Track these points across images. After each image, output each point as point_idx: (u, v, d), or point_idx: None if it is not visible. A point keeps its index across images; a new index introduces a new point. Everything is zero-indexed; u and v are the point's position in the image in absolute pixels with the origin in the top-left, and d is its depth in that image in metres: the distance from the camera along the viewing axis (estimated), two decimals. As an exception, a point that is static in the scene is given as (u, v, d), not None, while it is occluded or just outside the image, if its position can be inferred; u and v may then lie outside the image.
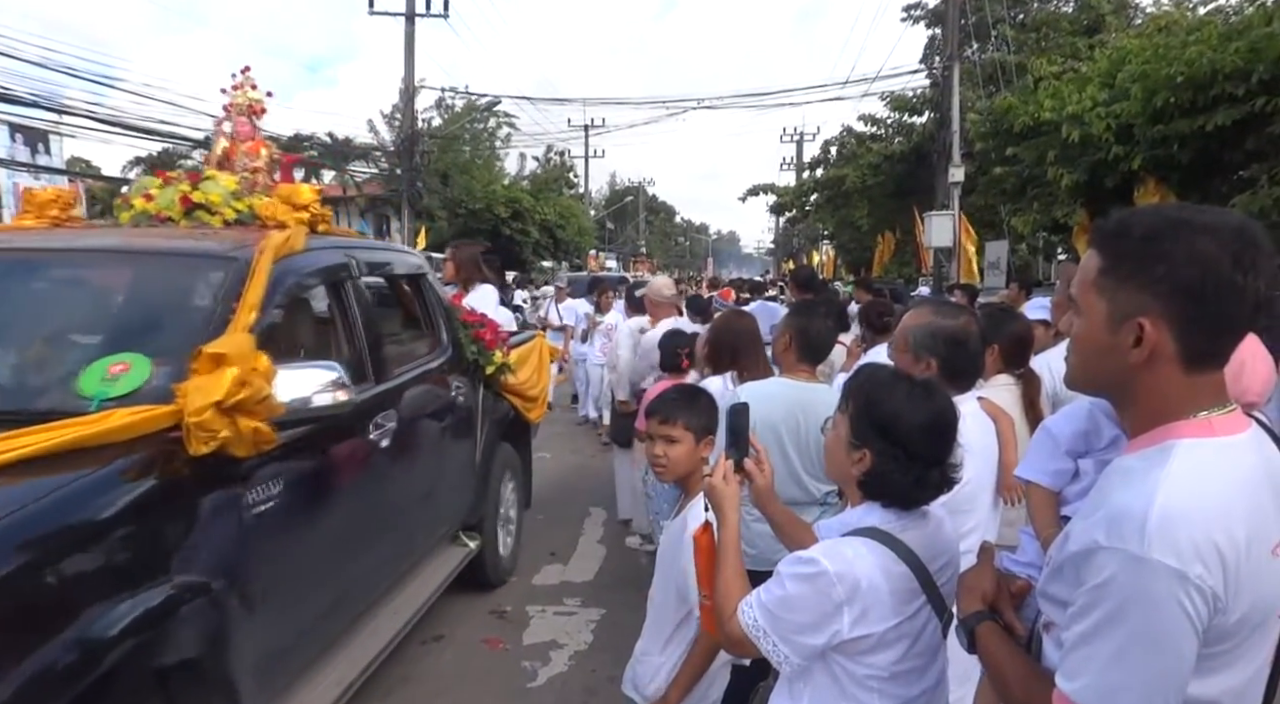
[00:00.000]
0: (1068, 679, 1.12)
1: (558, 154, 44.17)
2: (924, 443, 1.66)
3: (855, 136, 22.78)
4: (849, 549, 1.64)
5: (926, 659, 1.70)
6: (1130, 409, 1.24)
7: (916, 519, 1.70)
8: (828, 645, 1.63)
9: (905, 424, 1.66)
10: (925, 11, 22.14)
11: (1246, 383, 1.80)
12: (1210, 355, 1.16)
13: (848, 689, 1.67)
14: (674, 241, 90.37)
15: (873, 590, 1.60)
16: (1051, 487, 2.25)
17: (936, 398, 1.71)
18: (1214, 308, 1.12)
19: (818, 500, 3.10)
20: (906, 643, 1.65)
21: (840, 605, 1.59)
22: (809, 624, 1.61)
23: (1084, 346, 1.24)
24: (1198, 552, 1.05)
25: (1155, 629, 1.06)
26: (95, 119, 18.47)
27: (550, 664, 4.10)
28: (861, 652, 1.64)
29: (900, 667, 1.66)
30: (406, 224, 24.61)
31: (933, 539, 1.70)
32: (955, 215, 15.96)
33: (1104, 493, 1.18)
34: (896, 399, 1.70)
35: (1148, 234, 1.15)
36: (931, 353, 2.26)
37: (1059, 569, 1.19)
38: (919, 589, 1.65)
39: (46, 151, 22.58)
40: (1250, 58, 8.31)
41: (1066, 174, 10.51)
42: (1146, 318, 1.14)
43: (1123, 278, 1.16)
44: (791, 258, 50.40)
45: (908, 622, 1.64)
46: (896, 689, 1.67)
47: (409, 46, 23.57)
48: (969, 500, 2.21)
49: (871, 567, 1.61)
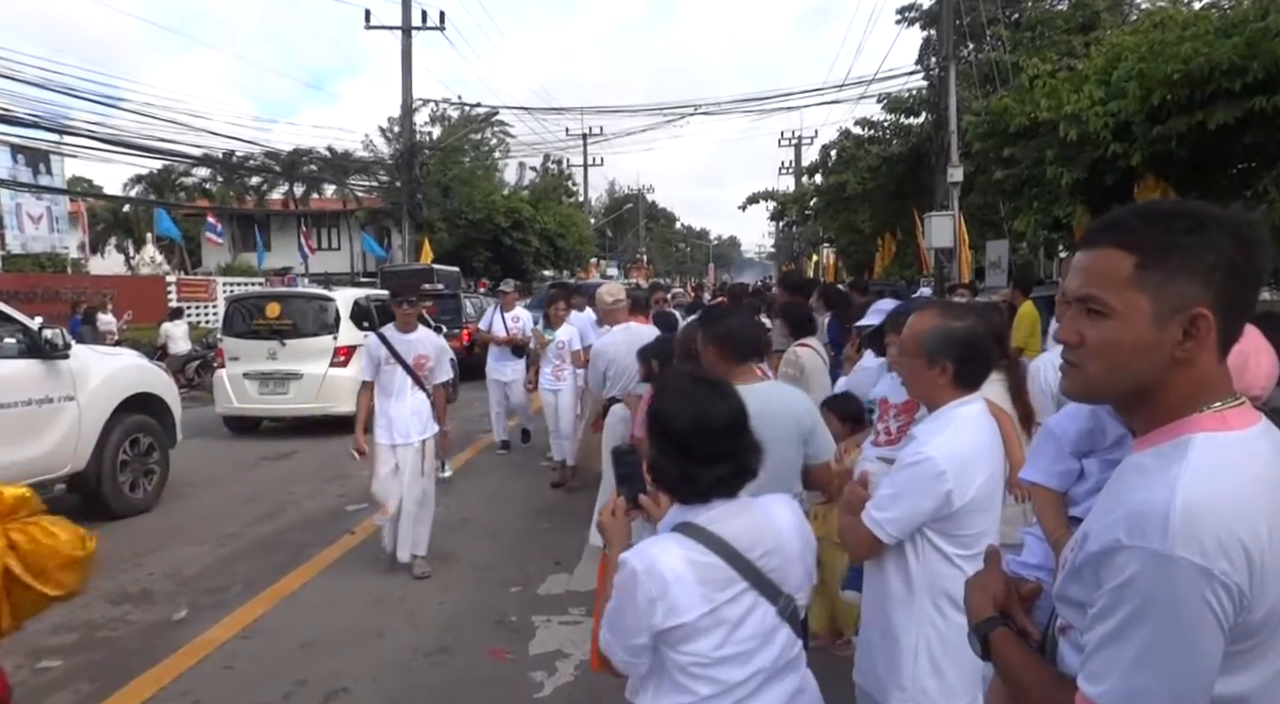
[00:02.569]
0: (1091, 683, 1.09)
1: (556, 163, 44.31)
2: (688, 442, 1.79)
3: (854, 140, 22.81)
4: (654, 547, 1.78)
5: (756, 644, 1.78)
6: (1148, 407, 1.20)
7: (731, 511, 1.82)
8: (651, 639, 1.74)
9: (670, 425, 1.82)
10: (920, 13, 22.18)
11: (1251, 377, 1.78)
12: (1231, 342, 1.17)
13: (677, 679, 1.78)
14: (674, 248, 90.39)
15: (679, 582, 1.71)
16: (1058, 488, 2.22)
17: (703, 400, 1.84)
18: (1250, 293, 1.15)
19: None
20: (725, 629, 1.75)
21: (654, 601, 1.71)
22: (634, 626, 1.74)
23: (1119, 349, 1.18)
24: (1222, 547, 1.03)
25: (1181, 628, 1.03)
26: (96, 138, 18.54)
27: (556, 674, 4.08)
28: (679, 641, 1.74)
29: (723, 652, 1.76)
30: (407, 236, 24.66)
31: (753, 528, 1.81)
32: (955, 215, 15.95)
33: (1120, 492, 1.15)
34: (667, 401, 1.87)
35: (1189, 226, 1.15)
36: (947, 356, 2.22)
37: (1077, 571, 1.16)
38: (735, 576, 1.76)
39: (48, 171, 22.61)
40: (1246, 53, 8.30)
41: (1066, 172, 10.50)
42: (1203, 306, 1.13)
43: (1173, 269, 1.14)
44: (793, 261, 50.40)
45: (724, 608, 1.75)
46: (723, 674, 1.76)
47: (406, 60, 23.65)
48: (987, 499, 2.18)
49: (676, 559, 1.73)
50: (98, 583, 5.45)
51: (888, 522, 2.18)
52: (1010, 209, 14.64)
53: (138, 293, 21.24)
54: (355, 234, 33.33)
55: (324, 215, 35.26)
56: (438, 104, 31.15)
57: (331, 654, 4.32)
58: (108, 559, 5.98)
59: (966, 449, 2.15)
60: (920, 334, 2.27)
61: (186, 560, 5.86)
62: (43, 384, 6.25)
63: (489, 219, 30.45)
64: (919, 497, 2.13)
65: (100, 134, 18.78)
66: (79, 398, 6.51)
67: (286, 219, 34.16)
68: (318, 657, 4.30)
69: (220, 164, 28.90)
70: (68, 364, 6.47)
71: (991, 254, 16.48)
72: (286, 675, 4.10)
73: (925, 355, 2.24)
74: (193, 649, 4.42)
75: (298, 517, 6.99)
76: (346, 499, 7.37)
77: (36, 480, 6.18)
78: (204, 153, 25.05)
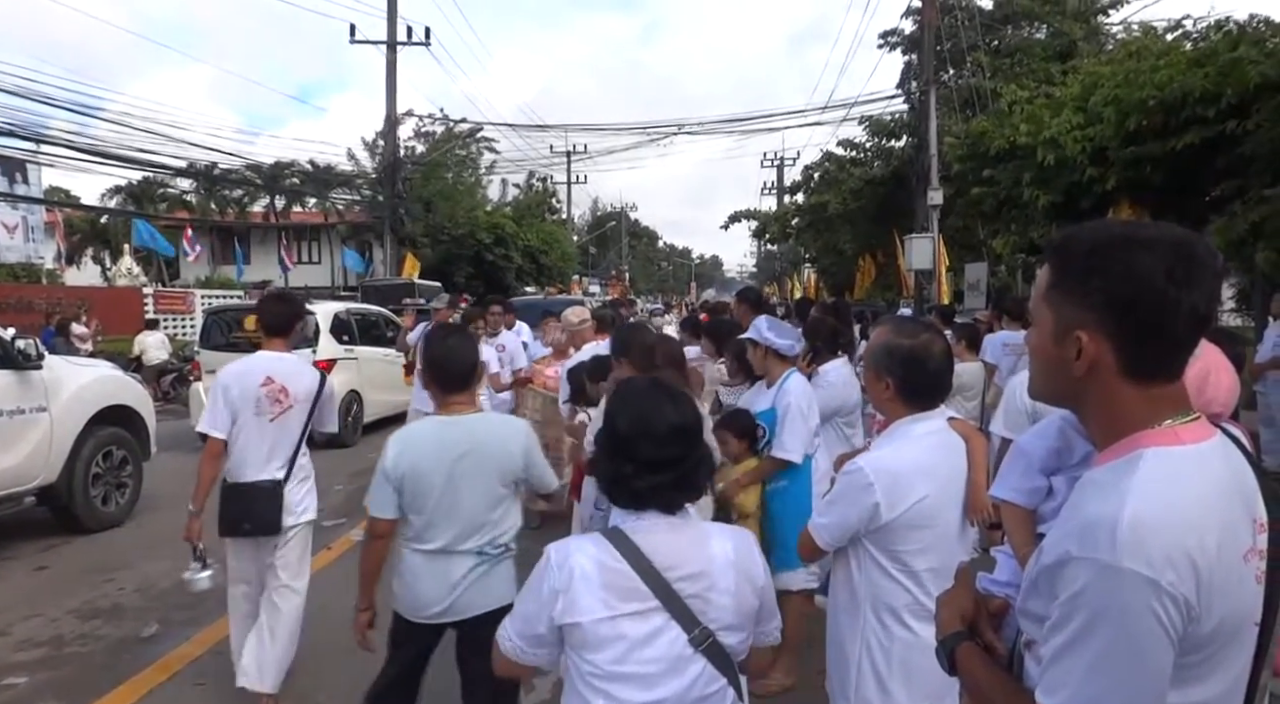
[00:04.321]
0: (1047, 695, 1.11)
1: (540, 180, 44.35)
2: (628, 443, 1.77)
3: (835, 161, 23.02)
4: (575, 542, 1.80)
5: (660, 668, 1.71)
6: (1089, 421, 1.25)
7: (663, 526, 1.77)
8: (549, 632, 1.74)
9: (614, 424, 1.82)
10: (902, 38, 22.48)
11: (1211, 394, 1.81)
12: (1155, 369, 1.17)
13: (578, 687, 1.76)
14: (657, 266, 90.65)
15: (584, 580, 1.70)
16: (1026, 505, 2.25)
17: (651, 404, 1.81)
18: (1149, 322, 1.14)
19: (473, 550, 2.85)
20: (625, 645, 1.70)
21: (556, 593, 1.72)
22: (534, 614, 1.75)
23: (1037, 358, 1.27)
24: (1169, 559, 1.05)
25: (1130, 639, 1.05)
26: (74, 148, 18.38)
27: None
28: (580, 645, 1.72)
29: (622, 669, 1.70)
30: (389, 251, 24.58)
31: (679, 549, 1.75)
32: (935, 238, 16.12)
33: (1076, 506, 1.17)
34: (616, 401, 1.88)
35: (1089, 249, 1.18)
36: (889, 372, 2.28)
37: (1034, 583, 1.18)
38: (645, 591, 1.70)
39: (25, 181, 22.40)
40: (1219, 81, 8.49)
41: (1043, 195, 10.67)
42: (1084, 331, 1.16)
43: (1066, 292, 1.19)
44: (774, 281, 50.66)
45: (626, 621, 1.70)
46: (621, 693, 1.70)
47: (390, 75, 23.67)
48: (923, 517, 2.23)
49: (587, 558, 1.73)
50: (67, 598, 5.37)
51: (823, 527, 2.28)
52: (989, 231, 14.81)
53: (114, 304, 21.01)
54: (336, 248, 33.16)
55: (304, 229, 35.09)
56: (420, 119, 31.11)
57: (305, 669, 4.27)
58: (78, 574, 5.89)
59: (904, 464, 2.22)
60: (871, 349, 2.36)
61: (159, 575, 5.77)
62: (14, 395, 6.16)
63: (471, 235, 30.42)
64: (848, 505, 2.23)
65: (79, 144, 18.65)
66: (51, 409, 6.42)
67: (267, 232, 33.98)
68: (291, 672, 4.25)
69: (202, 176, 28.75)
70: (40, 375, 6.39)
71: (970, 276, 16.65)
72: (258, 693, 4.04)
73: (873, 369, 2.31)
74: (164, 665, 4.37)
75: (273, 532, 6.91)
76: (323, 515, 7.27)
77: (6, 493, 6.09)
78: (186, 164, 24.92)
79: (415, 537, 2.85)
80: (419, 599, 2.87)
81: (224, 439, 3.81)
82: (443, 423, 2.86)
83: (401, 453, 2.79)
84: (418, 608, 2.88)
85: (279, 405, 3.82)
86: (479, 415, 2.96)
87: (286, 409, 3.84)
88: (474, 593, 2.84)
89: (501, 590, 2.87)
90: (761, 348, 4.03)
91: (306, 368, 4.03)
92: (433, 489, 2.77)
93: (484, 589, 2.85)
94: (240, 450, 3.81)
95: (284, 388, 3.82)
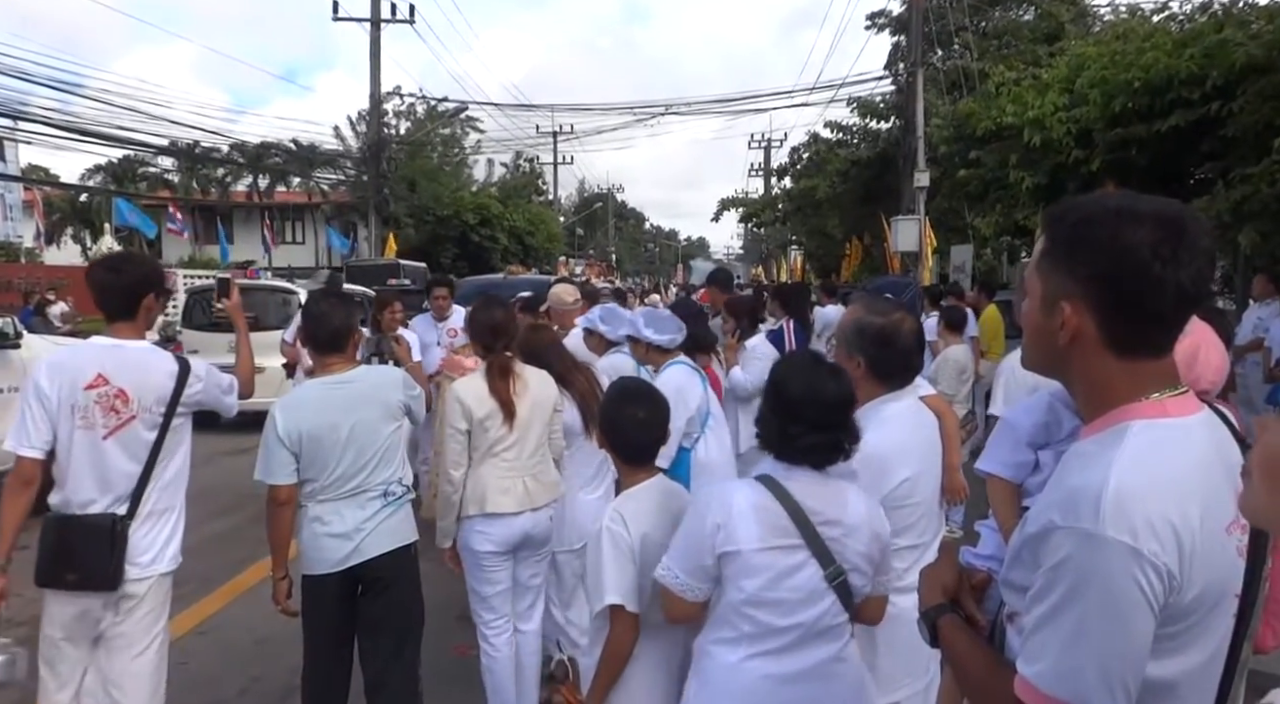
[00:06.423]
0: (1028, 663, 1.12)
1: (526, 161, 44.11)
2: (797, 406, 1.99)
3: (822, 143, 22.96)
4: (730, 484, 2.10)
5: (800, 597, 1.95)
6: (1075, 393, 1.26)
7: (811, 479, 1.99)
8: (713, 563, 1.94)
9: (785, 389, 2.02)
10: (889, 19, 22.40)
11: (1199, 371, 1.82)
12: (1138, 344, 1.17)
13: (727, 615, 1.98)
14: (644, 248, 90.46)
15: (740, 515, 1.93)
16: (1013, 479, 2.26)
17: (820, 379, 2.03)
18: (1131, 297, 1.13)
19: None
20: (772, 573, 1.92)
21: (718, 527, 1.93)
22: (698, 548, 1.96)
23: (1027, 326, 1.27)
24: (1152, 529, 1.05)
25: (1111, 607, 1.05)
26: (53, 125, 18.11)
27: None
28: (736, 574, 1.93)
29: (769, 595, 1.93)
30: (373, 231, 24.42)
31: (825, 498, 1.98)
32: (921, 220, 16.14)
33: (1061, 477, 1.18)
34: (785, 372, 2.08)
35: (1079, 220, 1.18)
36: (858, 351, 2.28)
37: (1018, 553, 1.19)
38: (792, 528, 1.94)
39: (2, 158, 22.11)
40: (1204, 63, 8.49)
41: (1028, 177, 10.67)
42: (1069, 302, 1.16)
43: (1054, 261, 1.20)
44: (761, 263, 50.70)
45: (775, 553, 1.93)
46: (765, 616, 1.94)
47: (374, 53, 23.42)
48: (903, 498, 2.25)
49: (744, 498, 1.96)
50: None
51: None
52: (975, 213, 14.84)
53: (95, 284, 20.76)
54: (320, 228, 32.95)
55: (288, 208, 34.82)
56: (403, 98, 30.79)
57: (287, 650, 4.24)
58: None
59: (884, 448, 2.23)
60: (842, 327, 2.37)
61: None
62: (-8, 374, 6.06)
63: (457, 215, 30.25)
64: None
65: (57, 121, 18.37)
66: (31, 389, 6.32)
67: (250, 212, 33.69)
68: (273, 653, 4.24)
69: (184, 155, 28.42)
70: (19, 354, 6.34)
71: (956, 259, 16.70)
72: (242, 672, 4.04)
73: (844, 348, 2.32)
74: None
75: (255, 512, 6.84)
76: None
77: (-15, 472, 6.01)
78: (168, 143, 24.62)
79: (320, 490, 3.01)
80: (328, 547, 2.99)
81: (39, 459, 2.76)
82: (324, 383, 3.05)
83: (291, 418, 2.94)
84: (328, 557, 2.99)
85: (115, 416, 2.73)
86: (355, 370, 3.11)
87: (126, 421, 2.74)
88: (379, 534, 3.02)
89: (404, 530, 3.11)
90: (643, 344, 4.21)
91: (158, 359, 2.87)
92: (335, 444, 2.93)
93: (389, 529, 3.05)
94: (66, 475, 2.78)
95: (121, 392, 2.73)
